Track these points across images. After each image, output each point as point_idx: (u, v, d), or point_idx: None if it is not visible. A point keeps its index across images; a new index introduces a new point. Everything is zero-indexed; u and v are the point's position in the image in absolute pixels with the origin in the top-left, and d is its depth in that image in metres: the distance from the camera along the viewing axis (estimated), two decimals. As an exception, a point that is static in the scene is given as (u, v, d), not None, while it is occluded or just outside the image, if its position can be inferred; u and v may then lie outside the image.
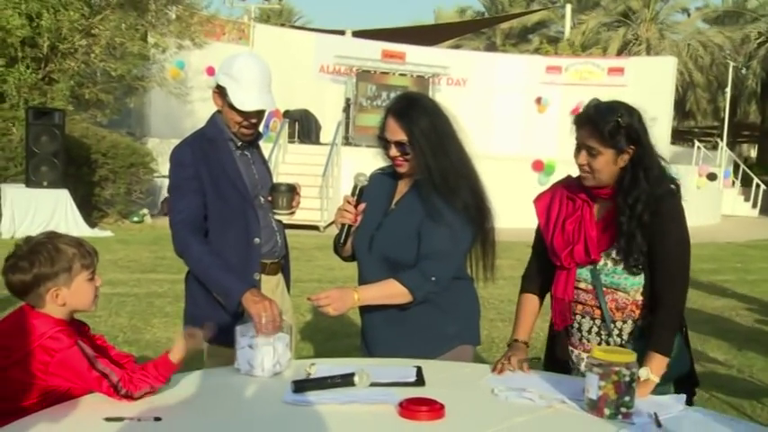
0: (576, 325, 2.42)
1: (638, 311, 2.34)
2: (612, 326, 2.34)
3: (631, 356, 1.96)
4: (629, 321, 2.34)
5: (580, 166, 2.31)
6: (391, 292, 2.38)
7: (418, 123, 2.39)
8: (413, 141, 2.39)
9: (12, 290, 2.02)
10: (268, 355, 2.15)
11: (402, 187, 2.54)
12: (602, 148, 2.24)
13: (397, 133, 2.41)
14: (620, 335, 2.34)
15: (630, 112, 2.26)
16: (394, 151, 2.44)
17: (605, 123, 2.22)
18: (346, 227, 2.50)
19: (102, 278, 2.17)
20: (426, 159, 2.40)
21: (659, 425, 1.88)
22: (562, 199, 2.44)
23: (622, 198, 2.27)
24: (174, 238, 2.60)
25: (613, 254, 2.32)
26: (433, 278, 2.37)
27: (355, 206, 2.48)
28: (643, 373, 2.12)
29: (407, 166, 2.45)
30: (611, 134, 2.21)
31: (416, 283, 2.36)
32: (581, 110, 2.34)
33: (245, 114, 2.61)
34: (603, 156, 2.24)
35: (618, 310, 2.34)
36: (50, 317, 2.00)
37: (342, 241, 2.52)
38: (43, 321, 1.98)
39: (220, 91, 2.63)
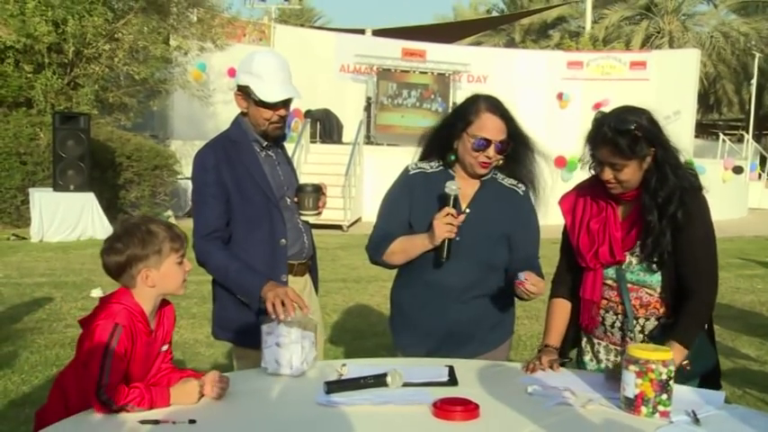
0: (600, 318, 2.42)
1: (661, 309, 2.33)
2: (635, 322, 2.34)
3: (668, 354, 1.92)
4: (653, 318, 2.34)
5: (606, 181, 2.28)
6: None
7: (511, 118, 2.46)
8: (514, 137, 2.45)
9: (107, 271, 2.06)
10: (296, 353, 2.14)
11: (465, 189, 2.50)
12: (626, 162, 2.22)
13: (500, 132, 2.43)
14: (642, 331, 2.34)
15: (640, 115, 2.24)
16: (492, 151, 2.42)
17: (623, 138, 2.19)
18: (448, 240, 2.38)
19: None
20: (515, 147, 2.48)
21: (698, 422, 1.85)
22: (586, 199, 2.43)
23: (650, 197, 2.25)
24: (195, 251, 2.59)
25: (637, 251, 2.32)
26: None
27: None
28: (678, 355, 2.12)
29: (491, 167, 2.48)
30: (631, 147, 2.19)
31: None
32: (591, 127, 2.30)
33: (273, 107, 2.59)
34: (629, 167, 2.23)
35: (642, 306, 2.34)
36: (133, 298, 2.02)
37: (446, 256, 2.38)
38: (123, 294, 2.02)
39: (243, 91, 2.61)
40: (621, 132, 2.19)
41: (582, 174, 2.49)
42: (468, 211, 2.48)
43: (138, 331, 1.98)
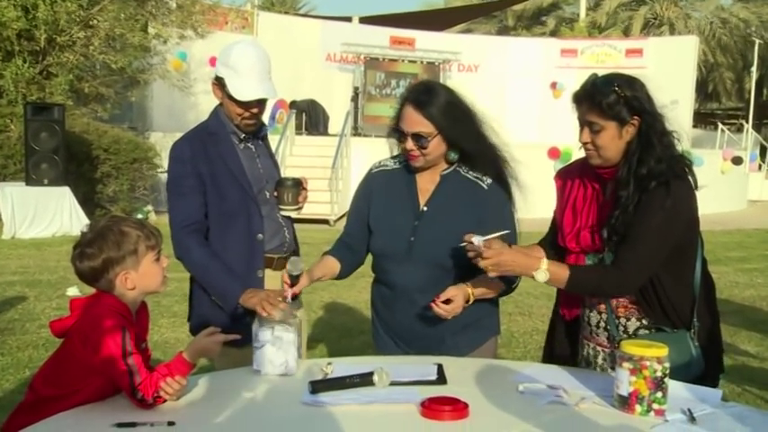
0: (585, 318, 2.36)
1: (636, 308, 2.25)
2: (617, 321, 2.27)
3: (663, 350, 1.86)
4: (633, 318, 2.27)
5: (584, 144, 2.23)
6: (494, 286, 2.36)
7: (439, 109, 2.30)
8: (438, 129, 2.30)
9: (82, 277, 2.01)
10: (291, 353, 2.10)
11: (425, 184, 2.43)
12: (603, 122, 2.16)
13: (414, 124, 2.31)
14: (625, 330, 2.27)
15: (630, 82, 2.18)
16: (410, 144, 2.33)
17: (602, 96, 2.14)
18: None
19: None
20: (454, 140, 2.32)
21: (694, 421, 1.80)
22: (580, 175, 2.36)
23: (629, 170, 2.15)
24: (173, 243, 2.52)
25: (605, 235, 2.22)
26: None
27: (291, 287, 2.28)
28: (541, 276, 2.12)
29: (422, 161, 2.36)
30: (611, 106, 2.13)
31: (512, 278, 2.35)
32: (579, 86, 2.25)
33: (245, 104, 2.55)
34: (607, 130, 2.16)
35: (620, 306, 2.27)
36: (115, 298, 1.97)
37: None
38: (107, 297, 1.97)
39: (219, 82, 2.57)
40: (602, 89, 2.15)
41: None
42: (425, 209, 2.39)
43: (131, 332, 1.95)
